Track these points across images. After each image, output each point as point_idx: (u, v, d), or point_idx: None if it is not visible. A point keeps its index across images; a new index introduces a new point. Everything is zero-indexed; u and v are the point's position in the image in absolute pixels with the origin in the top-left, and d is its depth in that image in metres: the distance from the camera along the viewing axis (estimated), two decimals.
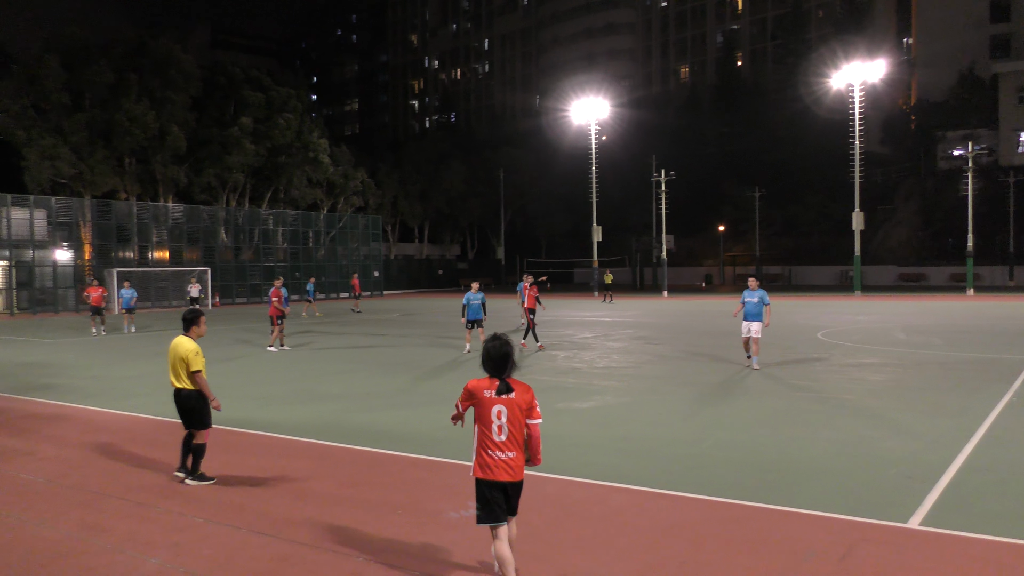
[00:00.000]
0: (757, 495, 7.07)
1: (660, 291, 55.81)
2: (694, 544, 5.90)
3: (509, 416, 4.93)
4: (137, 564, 5.66)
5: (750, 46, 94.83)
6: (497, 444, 4.93)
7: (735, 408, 11.55)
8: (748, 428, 10.09)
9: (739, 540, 5.98)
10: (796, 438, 9.44)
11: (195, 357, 7.57)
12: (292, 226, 56.95)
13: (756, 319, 15.37)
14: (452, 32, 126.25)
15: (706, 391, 13.07)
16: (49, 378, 15.83)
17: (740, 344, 16.53)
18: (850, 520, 6.35)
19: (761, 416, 10.89)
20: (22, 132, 46.14)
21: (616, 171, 73.55)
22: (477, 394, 5.00)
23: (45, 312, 41.19)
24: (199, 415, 7.68)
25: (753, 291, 15.55)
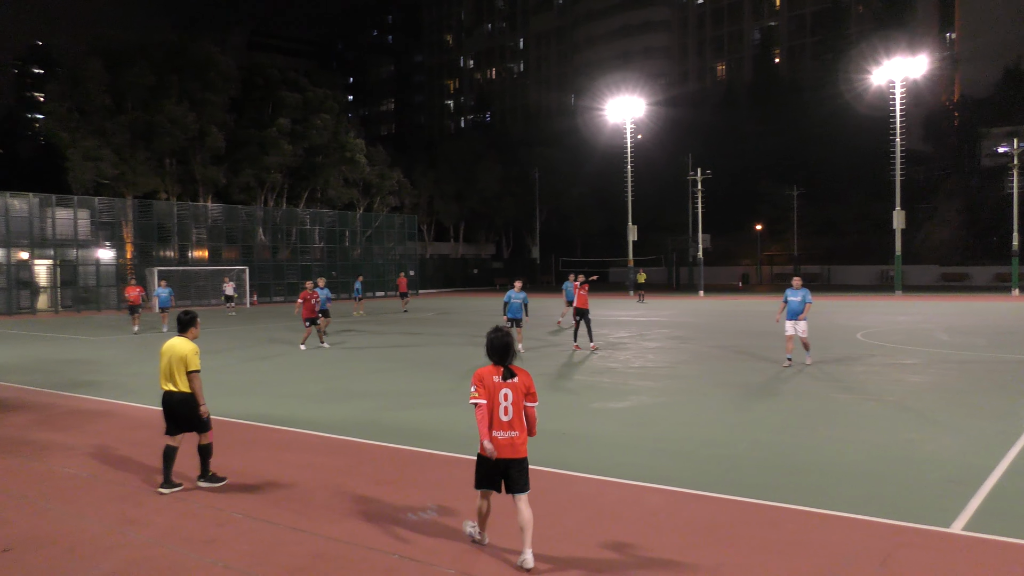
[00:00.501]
0: (794, 497, 6.99)
1: (696, 291, 55.40)
2: (729, 546, 5.85)
3: (514, 399, 5.56)
4: (176, 558, 5.75)
5: (788, 42, 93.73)
6: (502, 424, 5.52)
7: (771, 409, 11.43)
8: (785, 429, 9.98)
9: (775, 543, 5.91)
10: (834, 440, 9.31)
11: (194, 357, 7.36)
12: (328, 225, 57.45)
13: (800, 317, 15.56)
14: (487, 32, 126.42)
15: (742, 391, 12.95)
16: (91, 375, 16.14)
17: (778, 344, 16.47)
18: (890, 524, 6.25)
19: (798, 417, 10.76)
20: (66, 134, 47.18)
21: (651, 170, 73.11)
22: (487, 380, 5.60)
23: (88, 310, 42.01)
24: (199, 418, 7.42)
25: (797, 290, 15.71)
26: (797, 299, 15.59)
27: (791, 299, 15.68)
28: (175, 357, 7.38)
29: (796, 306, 15.59)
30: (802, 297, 15.55)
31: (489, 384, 5.58)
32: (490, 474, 5.60)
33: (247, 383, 14.88)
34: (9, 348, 22.31)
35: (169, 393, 7.42)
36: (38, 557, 5.85)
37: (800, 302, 15.55)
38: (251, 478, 7.95)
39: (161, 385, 7.46)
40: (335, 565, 5.59)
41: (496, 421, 5.54)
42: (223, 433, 10.22)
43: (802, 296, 15.56)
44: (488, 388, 5.57)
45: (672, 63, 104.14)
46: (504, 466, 5.53)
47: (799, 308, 15.55)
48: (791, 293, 15.74)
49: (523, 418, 5.62)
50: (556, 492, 7.35)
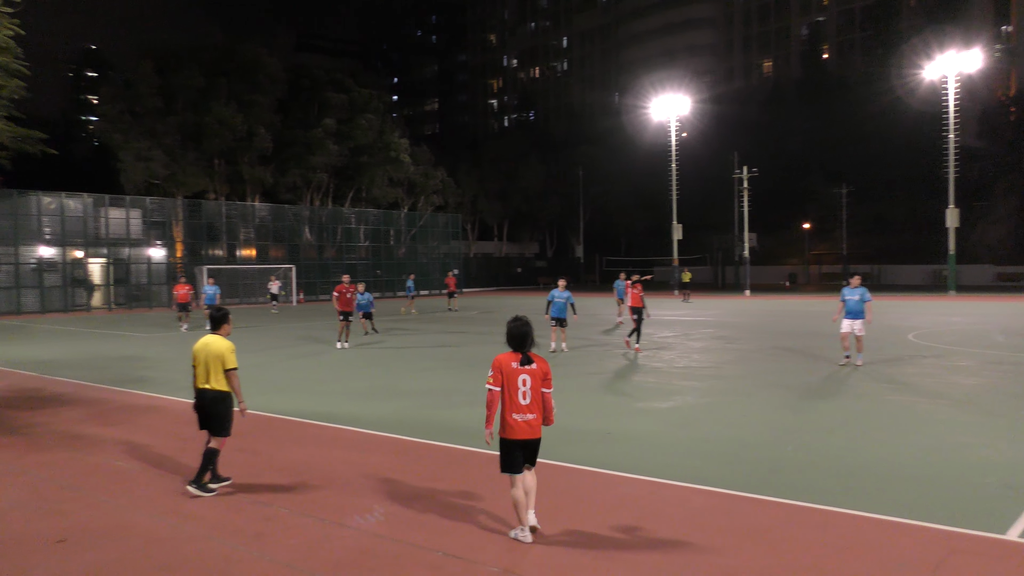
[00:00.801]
0: (843, 501, 6.86)
1: (742, 290, 54.77)
2: (776, 549, 5.77)
3: (532, 384, 5.90)
4: (226, 552, 5.85)
5: (837, 38, 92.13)
6: (521, 407, 5.89)
7: (820, 410, 11.24)
8: (834, 431, 9.81)
9: (824, 546, 5.81)
10: (885, 442, 9.13)
11: (231, 354, 7.30)
12: (373, 225, 57.95)
13: (858, 316, 15.45)
14: (530, 30, 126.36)
15: (789, 392, 12.75)
16: (143, 371, 16.49)
17: (826, 344, 16.29)
18: (943, 530, 6.10)
19: (848, 419, 10.57)
20: (119, 135, 48.31)
21: (697, 168, 72.38)
22: (505, 367, 5.92)
23: (139, 308, 42.94)
24: (222, 420, 7.34)
25: (854, 289, 15.62)
26: (855, 298, 15.49)
27: (849, 298, 15.59)
28: (211, 355, 7.30)
29: (854, 305, 15.48)
30: (860, 296, 15.44)
31: (508, 370, 5.90)
32: (515, 456, 5.93)
33: (293, 380, 15.07)
34: (65, 344, 22.90)
35: (203, 391, 7.34)
36: (92, 548, 5.99)
37: (859, 301, 15.44)
38: (297, 474, 8.04)
39: (196, 384, 7.38)
40: (380, 561, 5.63)
41: (516, 404, 5.89)
42: (270, 429, 10.38)
43: (860, 295, 15.45)
44: (506, 374, 5.89)
45: (717, 60, 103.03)
46: (525, 446, 5.95)
47: (858, 307, 15.43)
48: (848, 292, 15.66)
49: (540, 402, 5.96)
50: (601, 492, 7.32)
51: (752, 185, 55.34)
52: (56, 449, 9.32)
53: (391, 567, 5.52)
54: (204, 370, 7.32)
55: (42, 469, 8.38)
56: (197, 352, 7.40)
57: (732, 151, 62.49)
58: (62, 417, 11.35)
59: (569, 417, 10.85)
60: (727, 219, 68.45)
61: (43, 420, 11.13)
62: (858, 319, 15.48)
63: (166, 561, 5.69)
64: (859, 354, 15.72)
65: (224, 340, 7.40)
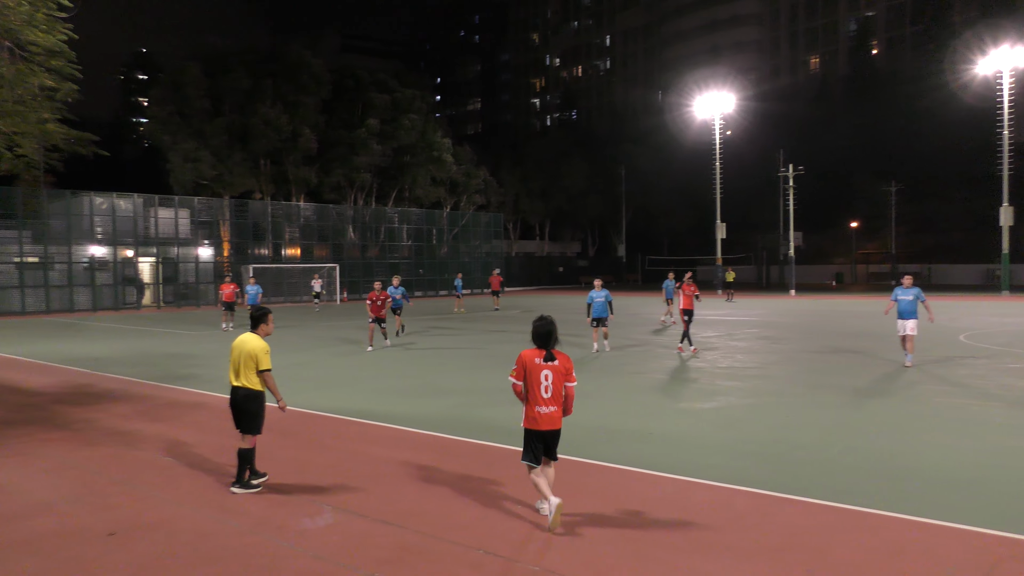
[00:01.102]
0: (891, 504, 6.73)
1: (787, 290, 54.03)
2: (822, 552, 5.67)
3: (554, 379, 6.32)
4: (270, 547, 5.92)
5: (886, 33, 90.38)
6: (543, 400, 6.31)
7: (867, 412, 11.04)
8: (881, 434, 9.62)
9: (871, 550, 5.70)
10: (935, 445, 8.93)
11: (265, 356, 7.31)
12: (416, 224, 58.27)
13: (911, 316, 15.31)
14: (573, 29, 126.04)
15: (837, 394, 12.54)
16: (190, 368, 16.78)
17: (875, 345, 16.10)
18: (997, 535, 5.95)
19: (895, 421, 10.37)
20: (168, 137, 49.27)
21: (741, 166, 71.55)
22: (528, 362, 6.34)
23: (187, 306, 43.71)
24: (253, 418, 7.36)
25: (907, 288, 15.51)
26: (909, 298, 15.38)
27: (902, 297, 15.46)
28: (245, 354, 7.34)
29: (907, 305, 15.33)
30: (914, 296, 15.34)
31: (531, 366, 6.33)
32: (536, 446, 6.40)
33: (335, 378, 15.23)
34: (115, 341, 23.40)
35: (236, 388, 7.41)
36: (141, 541, 6.11)
37: (912, 300, 15.32)
38: (340, 471, 8.12)
39: (230, 380, 7.46)
40: (422, 558, 5.65)
41: (538, 398, 6.32)
42: (313, 426, 10.49)
43: (914, 295, 15.34)
44: (529, 369, 6.32)
45: (763, 57, 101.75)
46: (546, 437, 6.38)
47: (911, 307, 15.29)
48: (902, 292, 15.55)
49: (561, 396, 6.41)
50: (642, 492, 7.27)
51: (798, 183, 54.52)
52: (106, 444, 9.53)
53: (432, 564, 5.55)
54: (236, 369, 7.39)
55: (93, 463, 8.57)
56: (233, 349, 7.49)
57: (778, 149, 61.71)
58: (112, 413, 11.60)
59: (609, 416, 10.80)
60: (772, 218, 67.60)
61: (94, 416, 11.39)
62: (911, 319, 15.29)
63: (212, 555, 5.78)
64: (909, 355, 15.49)
65: (260, 340, 7.41)
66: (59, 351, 20.59)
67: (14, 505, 7.08)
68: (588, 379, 14.49)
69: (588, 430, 9.94)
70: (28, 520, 6.63)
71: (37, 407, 12.18)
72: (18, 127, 12.20)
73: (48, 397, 13.15)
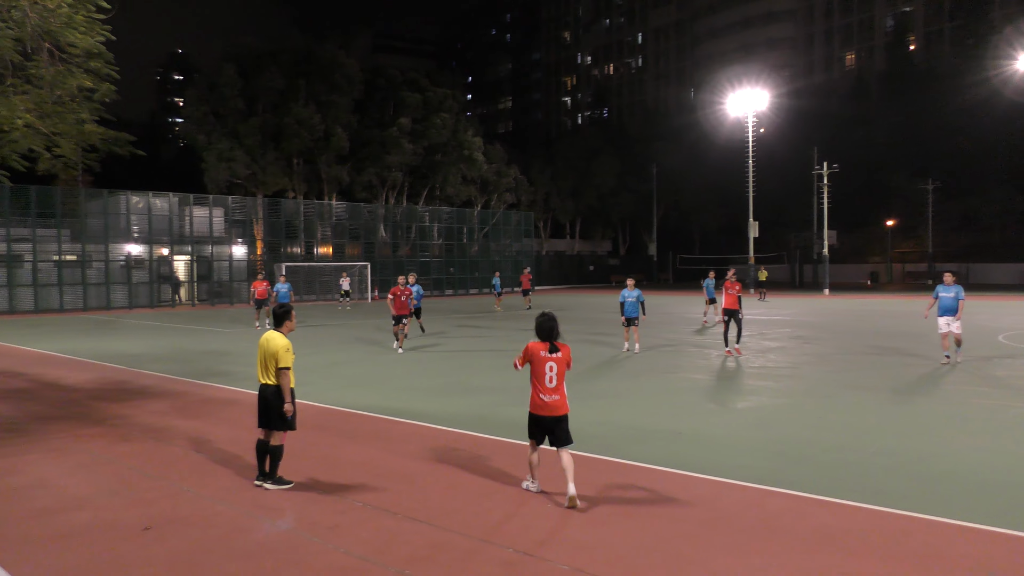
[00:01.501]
0: (927, 507, 6.62)
1: (820, 289, 53.42)
2: (855, 554, 5.60)
3: (557, 370, 6.98)
4: (302, 543, 5.97)
5: (924, 29, 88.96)
6: (547, 389, 6.96)
7: (904, 413, 10.88)
8: (917, 435, 9.48)
9: (906, 553, 5.62)
10: (973, 448, 8.77)
11: (285, 353, 7.33)
12: (447, 223, 58.45)
13: (953, 314, 15.43)
14: (605, 27, 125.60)
15: (871, 394, 12.37)
16: (224, 365, 16.98)
17: (911, 344, 15.93)
18: None
19: (934, 422, 10.20)
20: (203, 136, 49.95)
21: (774, 164, 70.85)
22: (534, 353, 6.99)
23: (221, 304, 44.24)
24: (280, 414, 7.40)
25: (949, 286, 15.50)
26: (951, 295, 15.38)
27: (944, 296, 15.47)
28: (268, 352, 7.41)
29: (949, 303, 15.36)
30: (955, 294, 15.37)
31: (536, 357, 6.98)
32: (539, 429, 7.06)
33: (366, 376, 15.32)
34: (151, 339, 23.75)
35: (264, 386, 7.48)
36: (176, 536, 6.19)
37: (954, 299, 15.33)
38: (371, 468, 8.17)
39: (259, 378, 7.55)
40: (453, 556, 5.67)
41: (543, 387, 6.95)
42: (345, 423, 10.56)
43: (955, 293, 15.34)
44: (535, 360, 6.98)
45: (797, 54, 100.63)
46: (550, 423, 6.98)
47: (953, 305, 15.32)
48: (943, 290, 15.55)
49: (564, 384, 7.04)
50: (673, 493, 7.22)
51: (832, 181, 53.86)
52: (142, 440, 9.67)
53: (462, 562, 5.56)
54: (262, 366, 7.48)
55: (129, 459, 8.71)
56: (260, 347, 7.57)
57: (812, 147, 60.97)
58: (147, 409, 11.77)
59: (641, 416, 10.75)
60: (806, 216, 66.81)
61: (130, 412, 11.56)
62: (954, 317, 15.43)
63: (246, 550, 5.85)
64: (958, 348, 15.65)
65: (281, 338, 7.45)
66: (96, 348, 20.94)
67: (52, 499, 7.21)
68: (619, 379, 14.43)
69: (620, 429, 9.91)
70: (65, 514, 6.76)
71: (75, 403, 12.40)
72: (57, 128, 12.41)
73: (85, 393, 13.38)
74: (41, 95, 11.94)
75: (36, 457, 8.81)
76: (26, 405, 12.21)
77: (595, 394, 12.50)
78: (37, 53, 11.73)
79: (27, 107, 11.79)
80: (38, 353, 19.98)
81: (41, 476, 8.04)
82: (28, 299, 37.66)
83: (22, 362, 18.03)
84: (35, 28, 11.27)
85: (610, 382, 13.98)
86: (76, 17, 11.59)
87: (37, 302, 37.70)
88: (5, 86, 11.74)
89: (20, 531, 6.34)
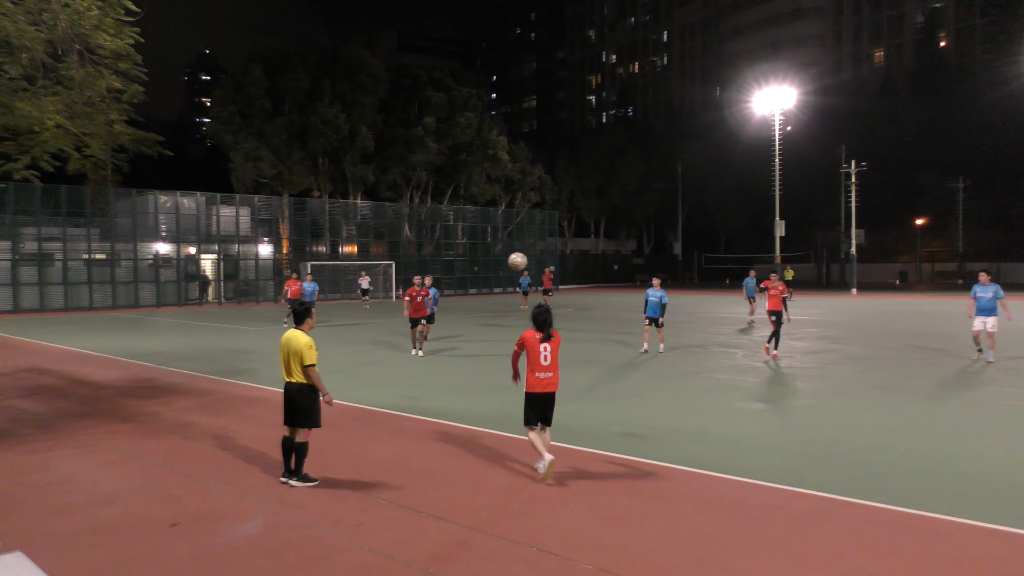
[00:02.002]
0: (957, 509, 6.54)
1: (848, 288, 52.89)
2: (883, 556, 5.54)
3: (551, 351, 7.77)
4: (328, 540, 6.01)
5: (955, 25, 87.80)
6: (542, 367, 7.71)
7: (932, 414, 10.74)
8: (947, 436, 9.35)
9: (936, 556, 5.55)
10: (1006, 450, 8.64)
11: (309, 351, 7.41)
12: (471, 222, 58.52)
13: (991, 313, 15.58)
14: (630, 25, 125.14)
15: (899, 395, 12.23)
16: (250, 363, 17.12)
17: (941, 345, 15.76)
18: None
19: (963, 424, 10.06)
20: (229, 136, 50.39)
21: (801, 162, 70.21)
22: (530, 341, 7.72)
23: (247, 302, 44.60)
24: (308, 412, 7.47)
25: (986, 285, 15.69)
26: (988, 295, 15.57)
27: (981, 295, 15.61)
28: (292, 350, 7.48)
29: (987, 302, 15.52)
30: (993, 293, 15.55)
31: (532, 343, 7.71)
32: (536, 408, 7.78)
33: (388, 374, 15.37)
34: (179, 337, 24.00)
35: (289, 384, 7.56)
36: (203, 531, 6.25)
37: (992, 298, 15.51)
38: (395, 466, 8.20)
39: (283, 376, 7.63)
40: (476, 554, 5.68)
41: (539, 366, 7.70)
42: (369, 421, 10.61)
43: (993, 292, 15.52)
44: (530, 345, 7.72)
45: (825, 51, 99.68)
46: (544, 400, 7.77)
47: (990, 304, 15.51)
48: (980, 289, 15.69)
49: (558, 364, 7.83)
50: (696, 493, 7.19)
51: (861, 179, 53.29)
52: (169, 436, 9.78)
53: (486, 560, 5.57)
54: (288, 364, 7.56)
55: (156, 455, 8.81)
56: (282, 346, 7.65)
57: (840, 144, 60.38)
58: (174, 406, 11.90)
59: (665, 416, 10.71)
60: (833, 215, 66.20)
61: (157, 409, 11.70)
62: (991, 316, 15.50)
63: (271, 547, 5.89)
64: (991, 351, 15.64)
65: (304, 336, 7.54)
66: (125, 346, 21.20)
67: (81, 495, 7.31)
68: (644, 379, 14.38)
69: (644, 429, 9.88)
70: (94, 510, 6.85)
71: (104, 400, 12.56)
72: (87, 128, 12.57)
73: (114, 390, 13.55)
74: (71, 96, 12.11)
75: (66, 453, 8.94)
76: (56, 402, 12.39)
77: (618, 393, 12.46)
78: (67, 55, 11.89)
79: (57, 108, 11.96)
80: (68, 351, 20.26)
81: (71, 472, 8.16)
82: (58, 297, 38.17)
83: (52, 359, 18.30)
84: (65, 30, 11.43)
85: (633, 381, 13.93)
86: (105, 20, 11.74)
87: (67, 300, 38.22)
88: (36, 87, 11.91)
89: (51, 525, 6.44)
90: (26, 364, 17.39)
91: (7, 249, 36.93)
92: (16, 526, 6.41)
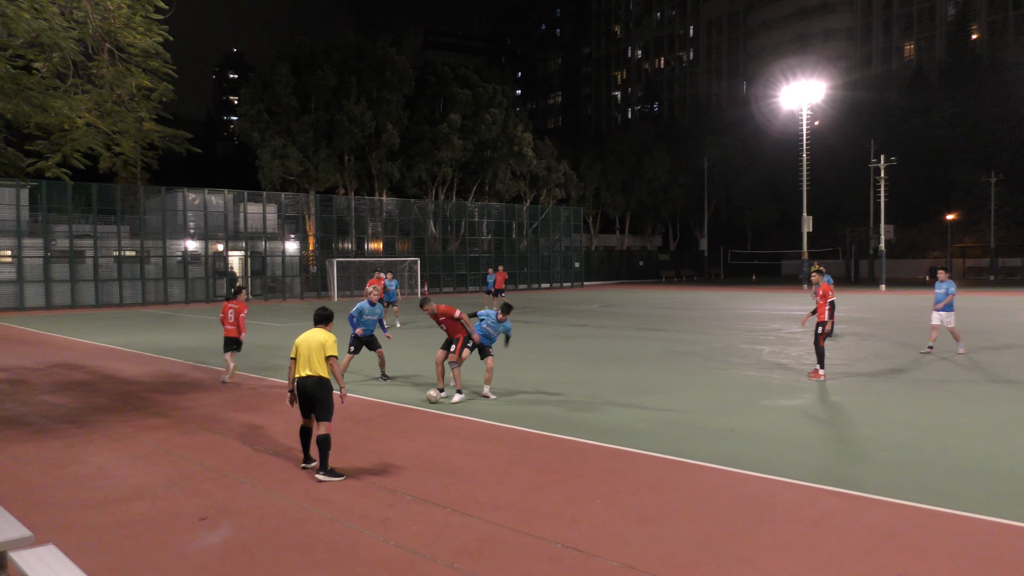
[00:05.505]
0: (989, 508, 6.43)
1: (877, 284, 52.29)
2: (914, 555, 5.46)
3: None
4: (353, 535, 6.04)
5: (987, 17, 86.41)
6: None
7: (962, 412, 10.58)
8: (979, 434, 9.21)
9: (968, 555, 5.46)
10: None
11: (333, 344, 7.76)
12: (496, 218, 58.54)
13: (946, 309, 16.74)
14: (656, 20, 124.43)
15: (929, 392, 12.06)
16: (277, 359, 17.24)
17: (972, 343, 15.54)
18: None
19: (994, 422, 9.91)
20: (257, 134, 50.84)
21: (829, 157, 69.53)
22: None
23: (274, 298, 44.93)
24: (325, 405, 7.65)
25: (942, 283, 16.83)
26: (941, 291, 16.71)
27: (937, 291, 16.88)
28: (313, 344, 7.71)
29: (940, 298, 16.73)
30: (945, 289, 16.63)
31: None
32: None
33: (414, 370, 15.42)
34: (207, 333, 24.21)
35: (304, 378, 7.70)
36: (231, 526, 6.30)
37: (944, 294, 16.63)
38: (421, 462, 8.22)
39: (297, 372, 7.75)
40: (501, 550, 5.68)
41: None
42: (394, 417, 10.65)
43: (946, 288, 16.64)
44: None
45: (854, 45, 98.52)
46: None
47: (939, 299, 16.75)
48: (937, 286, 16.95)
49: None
50: (724, 490, 7.13)
51: (890, 174, 52.63)
52: (198, 432, 9.87)
53: (511, 556, 5.56)
54: (306, 359, 7.72)
55: (186, 451, 8.89)
56: (299, 344, 7.83)
57: (869, 139, 59.67)
58: (203, 402, 12.01)
59: (692, 413, 10.64)
60: (862, 210, 65.48)
61: (187, 404, 11.82)
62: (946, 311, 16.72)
63: (298, 541, 5.93)
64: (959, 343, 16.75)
65: (327, 332, 7.87)
66: (154, 341, 21.44)
67: (112, 489, 7.40)
68: (669, 375, 14.31)
69: (670, 426, 9.83)
70: (125, 504, 6.93)
71: (135, 395, 12.71)
72: (117, 126, 12.71)
73: (145, 386, 13.71)
74: (102, 94, 12.24)
75: (97, 447, 9.06)
76: (88, 397, 12.55)
77: (644, 389, 12.40)
78: (98, 53, 12.03)
79: (88, 106, 12.10)
80: (99, 346, 20.53)
81: (102, 466, 8.26)
82: (89, 294, 38.68)
83: (84, 355, 18.55)
84: (96, 29, 11.56)
85: (659, 377, 13.87)
86: (135, 18, 11.86)
87: (98, 297, 38.72)
88: (67, 85, 12.05)
89: (83, 519, 6.52)
90: (58, 360, 17.64)
91: (40, 246, 37.50)
92: (49, 519, 6.50)
